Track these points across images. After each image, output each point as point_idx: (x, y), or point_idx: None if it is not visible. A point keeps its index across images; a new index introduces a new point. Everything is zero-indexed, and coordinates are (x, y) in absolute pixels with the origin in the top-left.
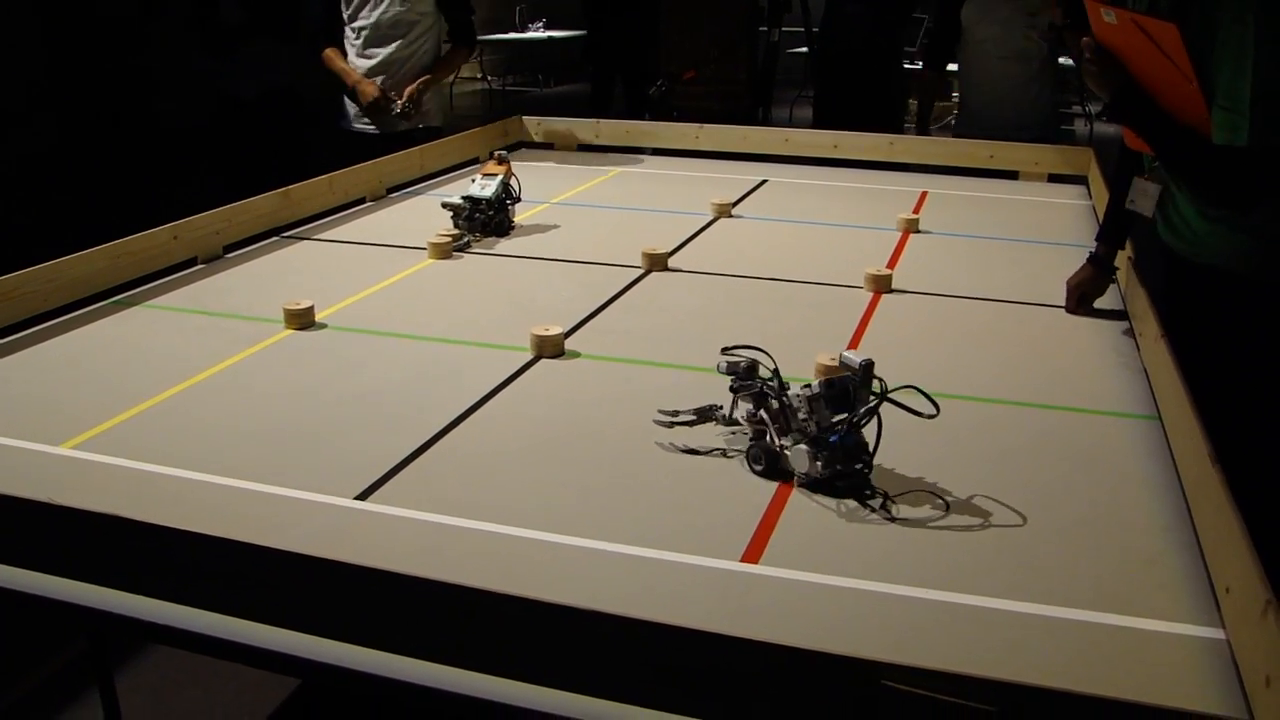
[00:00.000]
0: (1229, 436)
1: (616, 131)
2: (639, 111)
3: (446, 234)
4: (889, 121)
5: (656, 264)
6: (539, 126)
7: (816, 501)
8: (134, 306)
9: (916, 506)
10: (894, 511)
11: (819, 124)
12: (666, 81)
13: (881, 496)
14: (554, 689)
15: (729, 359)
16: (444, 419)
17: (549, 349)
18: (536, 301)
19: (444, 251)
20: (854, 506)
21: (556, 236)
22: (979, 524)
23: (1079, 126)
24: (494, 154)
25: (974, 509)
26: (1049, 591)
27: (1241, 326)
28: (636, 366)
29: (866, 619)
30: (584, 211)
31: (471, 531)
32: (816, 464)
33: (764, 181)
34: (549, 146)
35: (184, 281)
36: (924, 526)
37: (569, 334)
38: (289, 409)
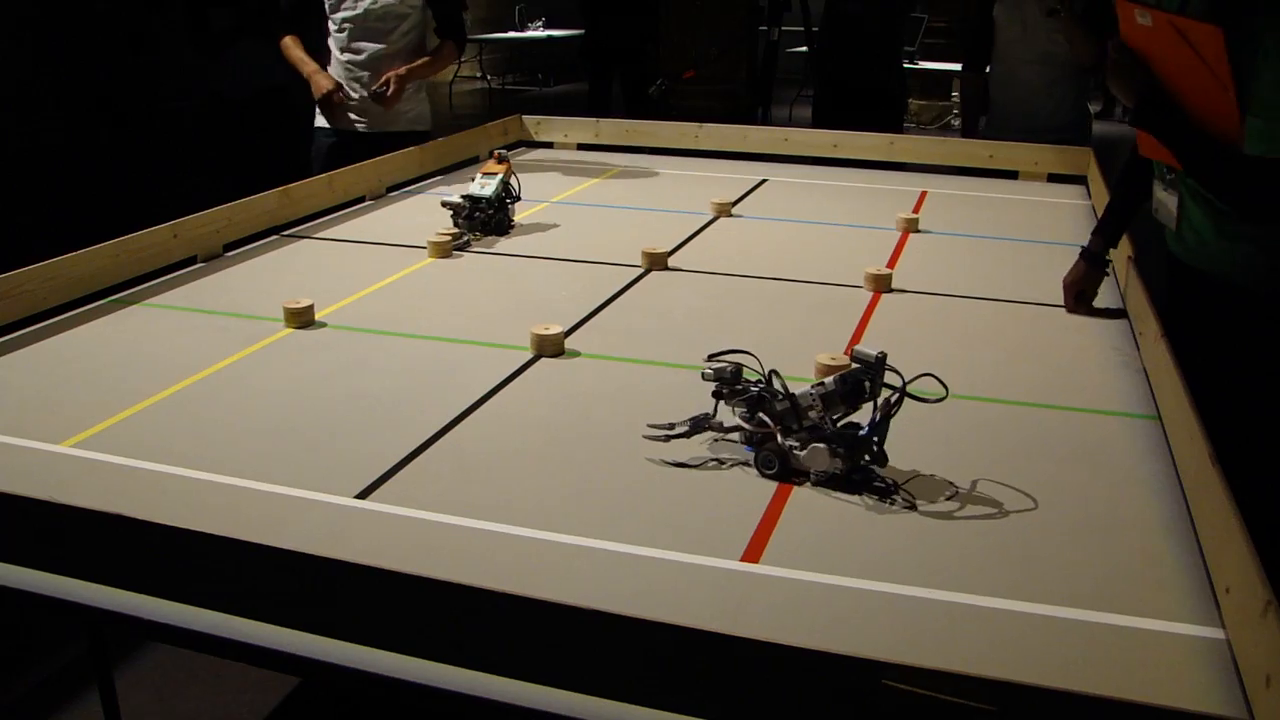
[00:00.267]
0: (1230, 439)
1: (616, 131)
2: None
3: (446, 233)
4: (889, 121)
5: (656, 263)
6: (538, 125)
7: (816, 501)
8: (134, 305)
9: (916, 506)
10: (913, 498)
11: (819, 123)
12: (666, 81)
13: (890, 485)
14: (554, 688)
15: (715, 365)
16: (444, 418)
17: (549, 348)
18: (536, 300)
19: (444, 250)
20: (853, 506)
21: (556, 235)
22: (979, 524)
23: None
24: (494, 153)
25: (974, 509)
26: (1049, 591)
27: (1248, 338)
28: (636, 366)
29: (867, 618)
30: (584, 211)
31: (471, 530)
32: (836, 460)
33: (764, 181)
34: (549, 145)
35: (184, 280)
36: (924, 526)
37: (569, 333)
38: (289, 408)
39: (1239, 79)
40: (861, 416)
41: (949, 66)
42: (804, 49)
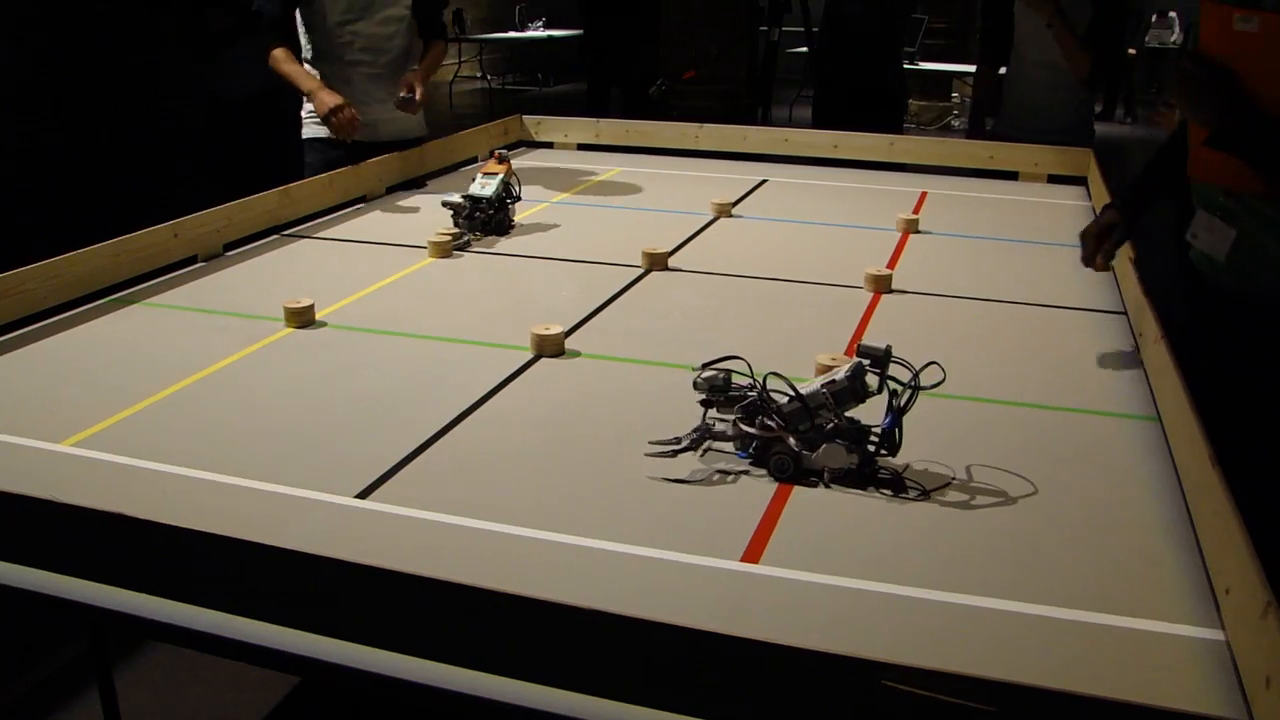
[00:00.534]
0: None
1: (617, 131)
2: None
3: (447, 233)
4: (889, 121)
5: (657, 263)
6: (539, 126)
7: (816, 502)
8: (134, 304)
9: (916, 506)
10: (922, 486)
11: (819, 124)
12: (666, 81)
13: (895, 475)
14: (553, 688)
15: (708, 374)
16: (444, 418)
17: (549, 348)
18: (537, 300)
19: (444, 250)
20: (853, 507)
21: (556, 236)
22: (979, 524)
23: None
24: (494, 153)
25: (973, 509)
26: (1049, 592)
27: None
28: (636, 366)
29: (867, 619)
30: (584, 211)
31: (472, 530)
32: (852, 456)
33: (764, 181)
34: (549, 146)
35: (184, 279)
36: (924, 527)
37: (569, 333)
38: (289, 407)
39: None
40: (859, 412)
41: (949, 67)
42: (804, 49)
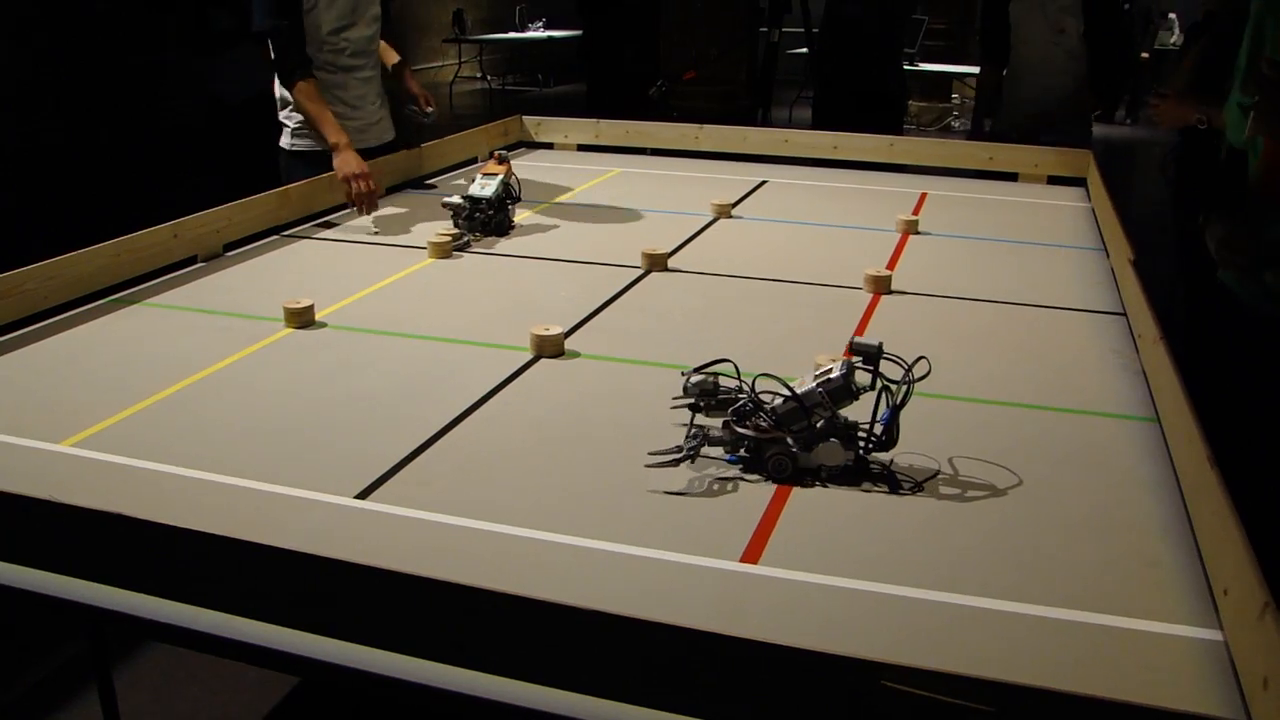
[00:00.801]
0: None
1: (617, 132)
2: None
3: (446, 233)
4: (889, 123)
5: (656, 264)
6: (539, 126)
7: (815, 502)
8: (134, 304)
9: (915, 507)
10: (914, 480)
11: (818, 125)
12: (666, 82)
13: (887, 470)
14: (553, 688)
15: (698, 378)
16: (444, 418)
17: (549, 349)
18: (536, 301)
19: (444, 251)
20: (852, 507)
21: (556, 236)
22: (978, 525)
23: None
24: (494, 153)
25: (973, 510)
26: (1047, 592)
27: None
28: (636, 366)
29: (866, 619)
30: (584, 211)
31: (471, 530)
32: (849, 453)
33: (764, 182)
34: (549, 146)
35: (184, 280)
36: (923, 527)
37: (569, 334)
38: (289, 408)
39: None
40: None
41: (949, 68)
42: (804, 50)
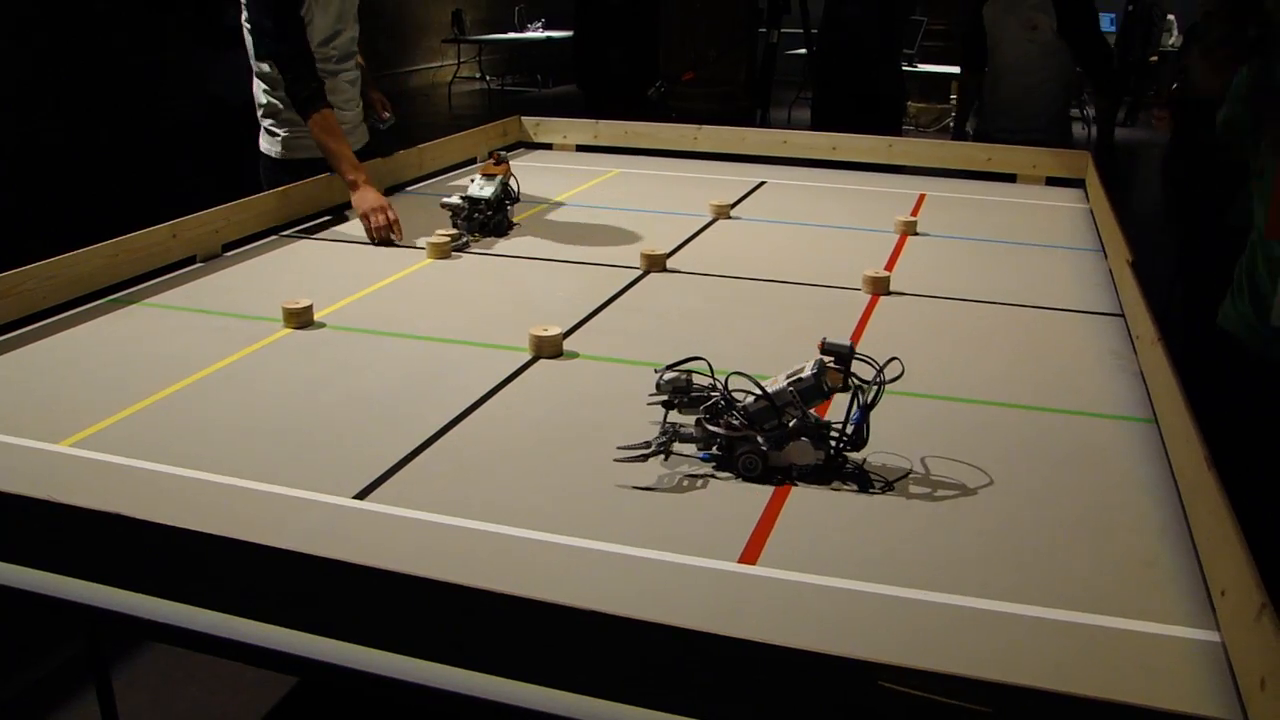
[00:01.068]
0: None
1: (615, 133)
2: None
3: (445, 234)
4: (887, 123)
5: (655, 265)
6: (537, 127)
7: (814, 503)
8: (133, 304)
9: (913, 508)
10: (885, 479)
11: (817, 126)
12: (665, 83)
13: (857, 469)
14: (551, 688)
15: (671, 375)
16: (442, 419)
17: (547, 349)
18: (535, 302)
19: (443, 251)
20: (851, 508)
21: (555, 237)
22: (975, 526)
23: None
24: (492, 154)
25: (971, 511)
26: (1045, 593)
27: None
28: (634, 367)
29: (864, 620)
30: (582, 212)
31: (470, 531)
32: (820, 452)
33: (762, 183)
34: (548, 147)
35: (183, 280)
36: (920, 528)
37: (568, 334)
38: (288, 408)
39: None
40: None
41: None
42: (803, 51)
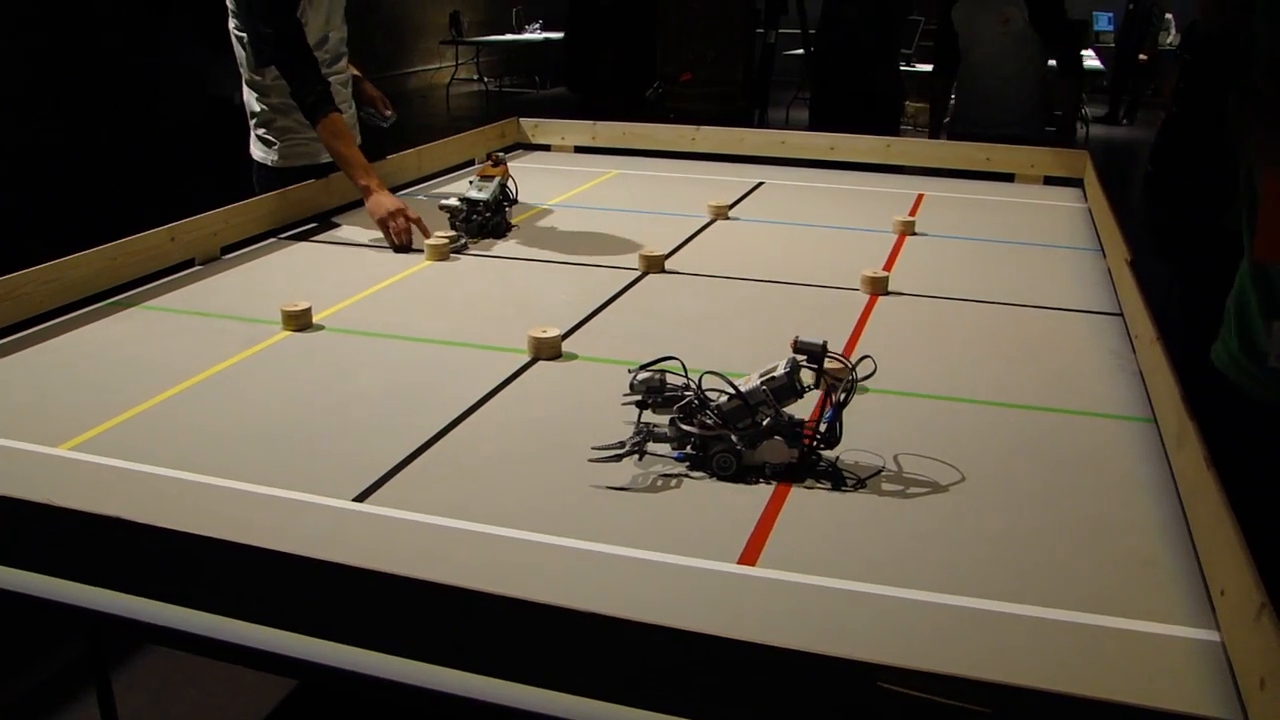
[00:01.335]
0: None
1: (613, 134)
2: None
3: (444, 236)
4: (885, 123)
5: (653, 266)
6: (535, 128)
7: (813, 505)
8: (132, 308)
9: (912, 509)
10: (858, 477)
11: (815, 126)
12: (663, 83)
13: (830, 467)
14: (550, 690)
15: (645, 375)
16: (441, 421)
17: (546, 351)
18: (534, 303)
19: (441, 253)
20: (850, 509)
21: (553, 238)
22: (975, 526)
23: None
24: (490, 156)
25: (970, 511)
26: (1044, 593)
27: None
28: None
29: (863, 621)
30: (581, 213)
31: (469, 533)
32: (793, 451)
33: (761, 184)
34: (546, 148)
35: (182, 283)
36: (920, 529)
37: (566, 336)
38: (286, 411)
39: None
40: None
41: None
42: (800, 51)
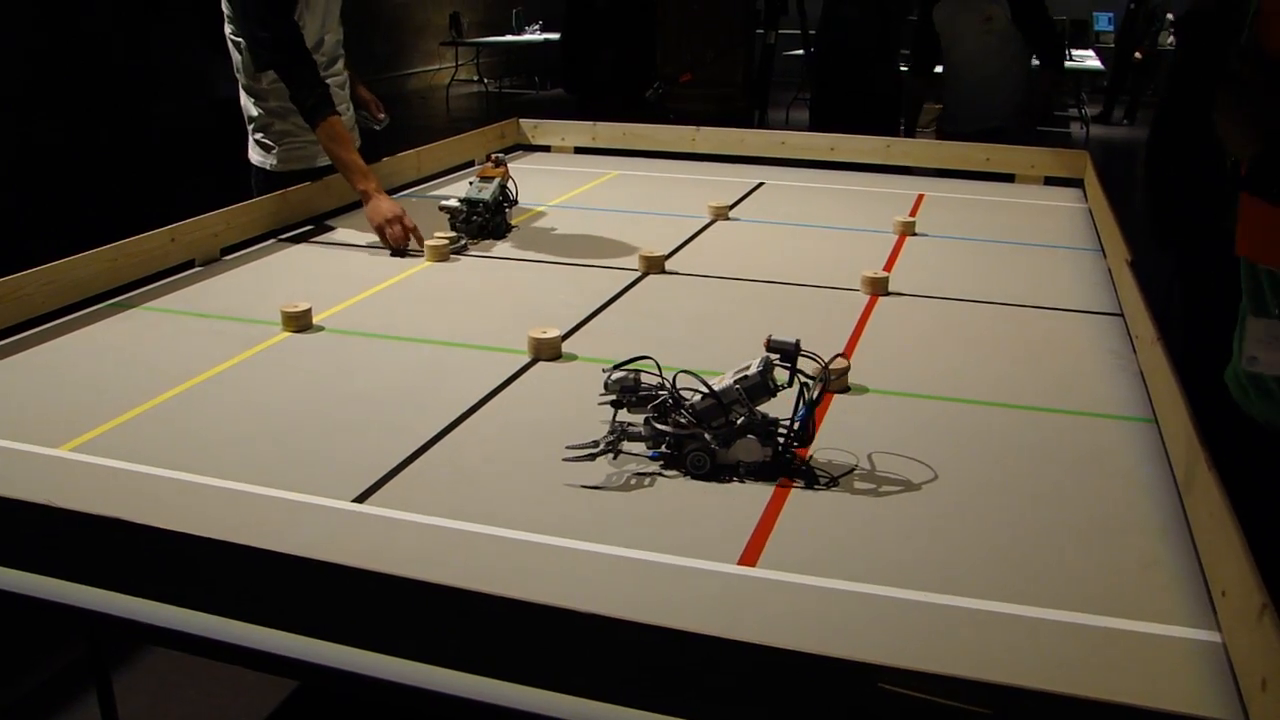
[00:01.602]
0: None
1: (614, 135)
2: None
3: (444, 237)
4: (885, 124)
5: (653, 267)
6: (535, 129)
7: (813, 505)
8: (132, 309)
9: (912, 509)
10: (830, 475)
11: (815, 126)
12: (663, 84)
13: (804, 466)
14: (550, 691)
15: (619, 374)
16: (442, 422)
17: (546, 352)
18: (534, 304)
19: (441, 254)
20: (850, 510)
21: (553, 239)
22: (975, 527)
23: (1075, 130)
24: (490, 156)
25: (970, 512)
26: (1045, 594)
27: None
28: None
29: (864, 622)
30: (581, 214)
31: (469, 534)
32: (766, 450)
33: (761, 184)
34: (546, 149)
35: (182, 284)
36: (921, 529)
37: (566, 336)
38: (287, 411)
39: None
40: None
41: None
42: (800, 52)
